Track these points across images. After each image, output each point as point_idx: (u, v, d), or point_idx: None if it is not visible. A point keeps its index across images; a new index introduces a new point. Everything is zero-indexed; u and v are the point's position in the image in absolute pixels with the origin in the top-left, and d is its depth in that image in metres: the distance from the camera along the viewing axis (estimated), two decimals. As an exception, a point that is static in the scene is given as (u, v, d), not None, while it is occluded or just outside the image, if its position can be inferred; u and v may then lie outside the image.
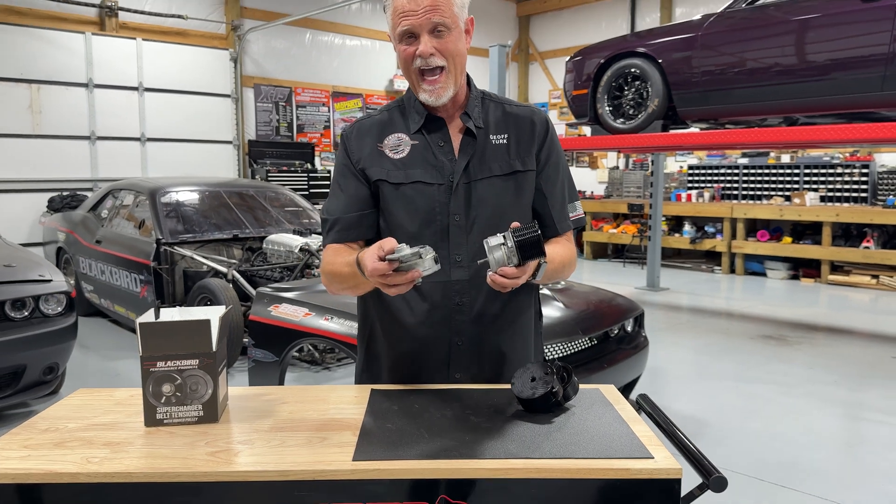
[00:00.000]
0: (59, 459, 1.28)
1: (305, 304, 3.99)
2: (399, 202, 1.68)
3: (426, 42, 1.60)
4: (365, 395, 1.61)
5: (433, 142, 1.70)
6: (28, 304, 4.22)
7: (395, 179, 1.68)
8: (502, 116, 1.75)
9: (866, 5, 5.01)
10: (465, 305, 1.69)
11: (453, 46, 1.63)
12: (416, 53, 1.62)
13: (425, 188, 1.67)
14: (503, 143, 1.72)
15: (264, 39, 10.90)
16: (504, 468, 1.24)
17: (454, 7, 1.62)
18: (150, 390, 1.42)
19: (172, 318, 1.45)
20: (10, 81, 8.62)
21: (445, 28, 1.61)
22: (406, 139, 1.71)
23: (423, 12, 1.58)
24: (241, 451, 1.30)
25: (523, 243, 1.42)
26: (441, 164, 1.68)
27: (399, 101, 1.79)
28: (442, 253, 1.65)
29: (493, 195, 1.69)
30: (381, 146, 1.72)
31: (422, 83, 1.64)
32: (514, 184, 1.71)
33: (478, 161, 1.69)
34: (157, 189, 6.17)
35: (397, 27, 1.63)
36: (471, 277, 1.68)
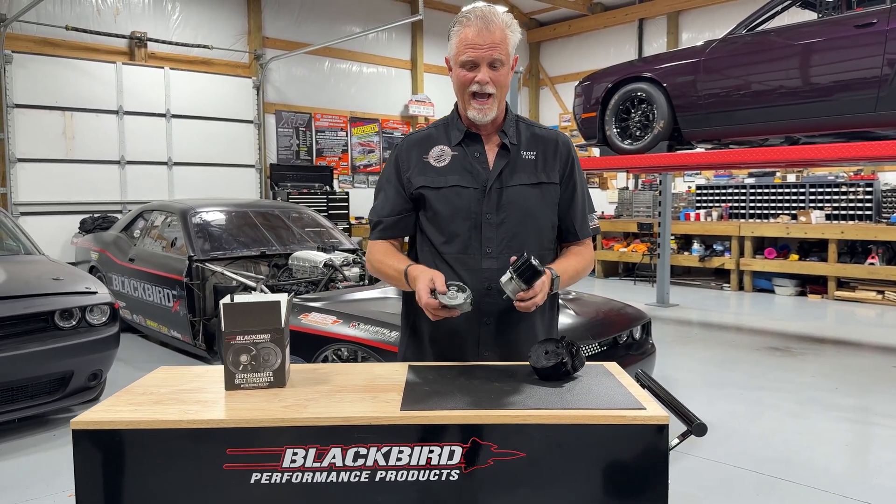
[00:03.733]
0: (161, 412, 1.58)
1: (333, 312, 4.29)
2: (440, 202, 2.01)
3: (485, 72, 1.92)
4: (404, 368, 1.91)
5: (470, 153, 2.03)
6: (75, 315, 4.53)
7: (436, 184, 2.02)
8: (532, 137, 2.08)
9: (859, 31, 5.30)
10: (494, 290, 1.97)
11: (504, 79, 1.95)
12: (474, 79, 1.93)
13: (462, 191, 2.00)
14: (532, 158, 2.05)
15: (285, 68, 11.35)
16: (522, 415, 1.53)
17: (509, 47, 1.95)
18: (231, 360, 1.72)
19: (248, 300, 1.75)
20: (46, 109, 9.07)
21: (501, 63, 1.93)
22: (448, 150, 2.04)
23: (487, 47, 1.90)
24: (309, 405, 1.60)
25: (521, 272, 1.77)
26: (476, 171, 2.01)
27: (444, 120, 2.11)
28: (474, 245, 2.00)
29: (520, 199, 2.01)
30: (426, 157, 2.05)
31: (472, 103, 1.96)
32: (539, 192, 2.03)
33: (509, 171, 2.02)
34: (188, 210, 6.52)
35: (461, 55, 1.94)
36: (499, 267, 1.96)
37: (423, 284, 1.81)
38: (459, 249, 2.01)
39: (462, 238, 2.00)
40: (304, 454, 1.51)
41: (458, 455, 1.51)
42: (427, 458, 1.51)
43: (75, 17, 9.30)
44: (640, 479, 1.52)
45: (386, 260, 2.03)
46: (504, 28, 1.92)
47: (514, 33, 1.96)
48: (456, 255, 2.01)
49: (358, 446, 1.51)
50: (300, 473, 1.51)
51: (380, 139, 12.57)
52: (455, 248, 2.01)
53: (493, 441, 1.52)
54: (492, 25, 1.90)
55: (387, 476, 1.51)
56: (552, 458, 1.52)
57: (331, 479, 1.51)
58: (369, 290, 4.97)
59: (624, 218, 12.49)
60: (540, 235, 2.06)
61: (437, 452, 1.51)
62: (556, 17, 14.59)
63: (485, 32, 1.89)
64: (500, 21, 1.92)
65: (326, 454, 1.51)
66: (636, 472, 1.52)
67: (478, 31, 1.90)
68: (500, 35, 1.91)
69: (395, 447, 1.51)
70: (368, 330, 3.97)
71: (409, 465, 1.51)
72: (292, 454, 1.51)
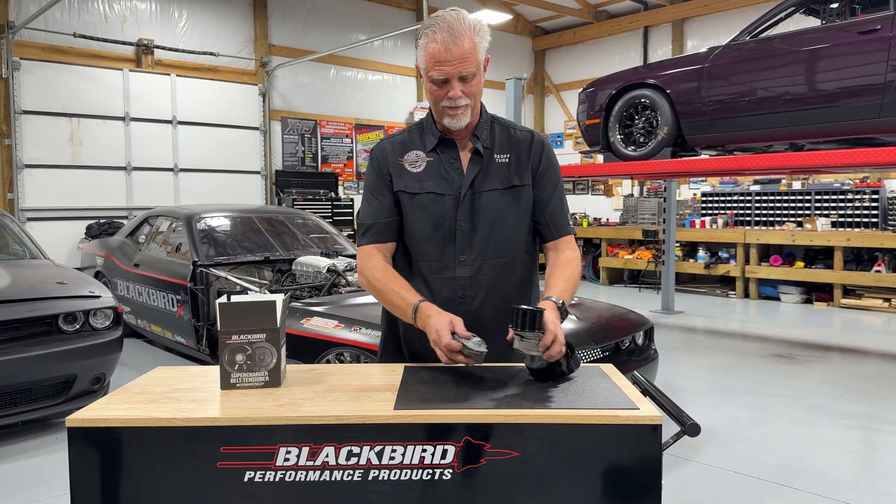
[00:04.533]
0: (156, 410, 1.59)
1: (335, 316, 4.30)
2: (415, 209, 2.00)
3: (456, 87, 1.88)
4: (400, 369, 1.91)
5: (445, 159, 2.00)
6: (79, 318, 4.55)
7: (412, 190, 2.00)
8: (506, 139, 2.05)
9: (863, 37, 5.30)
10: (468, 298, 1.99)
11: (476, 88, 1.92)
12: (446, 95, 1.89)
13: (437, 198, 1.98)
14: (505, 161, 2.02)
15: (291, 75, 11.41)
16: (516, 415, 1.53)
17: (478, 54, 1.89)
18: (226, 359, 1.72)
19: (244, 300, 1.76)
20: (53, 115, 9.13)
21: (472, 75, 1.89)
22: (423, 156, 2.01)
23: (456, 63, 1.84)
24: (303, 404, 1.60)
25: (522, 325, 1.70)
26: (451, 178, 1.98)
27: (419, 124, 2.08)
28: (448, 252, 1.99)
29: (494, 205, 1.99)
30: (401, 161, 2.02)
31: (446, 111, 1.93)
32: (512, 196, 2.01)
33: (483, 176, 1.99)
34: (192, 215, 6.55)
35: (430, 71, 1.88)
36: (473, 275, 1.98)
37: (444, 326, 1.75)
38: (434, 257, 2.00)
39: (436, 245, 1.99)
40: (298, 453, 1.51)
41: (451, 454, 1.51)
42: (420, 458, 1.52)
43: (83, 25, 9.37)
44: (633, 479, 1.51)
45: (389, 283, 1.96)
46: (472, 36, 1.86)
47: (483, 38, 1.90)
48: (430, 263, 2.01)
49: (351, 445, 1.51)
50: (293, 472, 1.51)
51: (385, 146, 12.62)
52: (429, 256, 2.00)
53: (486, 440, 1.52)
54: (459, 37, 1.83)
55: (380, 475, 1.52)
56: (545, 457, 1.52)
57: (324, 478, 1.52)
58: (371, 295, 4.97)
59: (629, 225, 12.48)
60: (515, 240, 2.03)
61: (431, 451, 1.52)
62: (561, 25, 14.61)
63: (452, 47, 1.83)
64: (467, 29, 1.85)
65: (320, 453, 1.51)
66: (630, 471, 1.51)
67: (445, 47, 1.83)
68: (469, 45, 1.85)
69: (389, 446, 1.52)
70: (370, 334, 3.98)
71: (402, 465, 1.52)
72: (286, 453, 1.51)
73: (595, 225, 13.08)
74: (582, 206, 14.22)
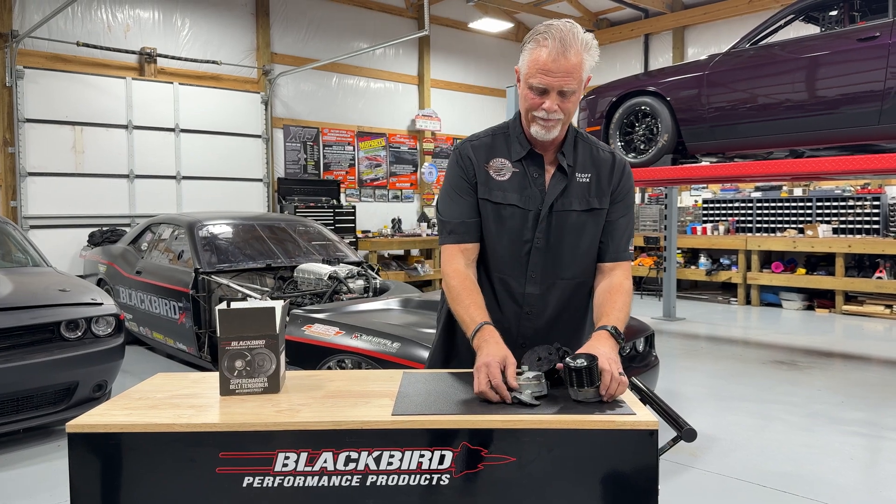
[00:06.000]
0: (156, 416, 1.60)
1: (336, 323, 4.31)
2: (494, 219, 1.96)
3: (553, 100, 1.82)
4: (398, 375, 1.92)
5: (530, 172, 1.95)
6: (81, 326, 4.56)
7: (496, 199, 1.95)
8: (589, 158, 1.99)
9: (862, 44, 5.32)
10: (533, 315, 1.98)
11: (572, 106, 1.86)
12: (541, 105, 1.84)
13: (517, 211, 1.94)
14: (586, 181, 1.97)
15: (293, 83, 11.45)
16: (513, 420, 1.53)
17: (583, 72, 1.83)
18: (226, 365, 1.73)
19: (244, 306, 1.77)
20: (56, 123, 9.17)
21: (572, 92, 1.83)
22: (509, 165, 1.96)
23: (560, 76, 1.79)
24: (302, 410, 1.61)
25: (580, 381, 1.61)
26: (533, 193, 1.94)
27: (504, 128, 2.03)
28: (520, 268, 1.96)
29: (571, 226, 1.95)
30: (487, 166, 1.97)
31: (536, 121, 1.87)
32: (588, 218, 1.97)
33: (564, 196, 1.95)
34: (194, 223, 6.57)
35: (531, 77, 1.83)
36: (541, 292, 1.96)
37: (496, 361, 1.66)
38: (505, 269, 1.97)
39: (509, 258, 1.96)
40: (296, 458, 1.52)
41: (448, 460, 1.52)
42: (418, 463, 1.52)
43: (86, 34, 9.42)
44: (630, 484, 1.52)
45: (462, 295, 1.89)
46: (581, 52, 1.80)
47: (592, 56, 1.84)
48: (501, 274, 1.98)
49: (349, 451, 1.52)
50: (292, 477, 1.52)
51: (387, 153, 12.65)
52: (501, 267, 1.98)
53: (483, 446, 1.53)
54: (570, 51, 1.78)
55: (378, 480, 1.53)
56: (543, 462, 1.52)
57: (322, 484, 1.52)
58: (373, 302, 4.98)
59: (630, 232, 12.46)
60: (587, 263, 2.01)
61: (428, 457, 1.52)
62: (562, 33, 14.66)
63: (561, 59, 1.78)
64: (578, 45, 1.79)
65: (318, 458, 1.52)
66: (627, 476, 1.52)
67: (553, 57, 1.78)
68: (576, 61, 1.79)
69: (387, 452, 1.53)
70: (371, 341, 3.99)
71: (399, 470, 1.53)
72: (284, 458, 1.52)
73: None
74: (583, 213, 14.22)
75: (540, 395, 1.66)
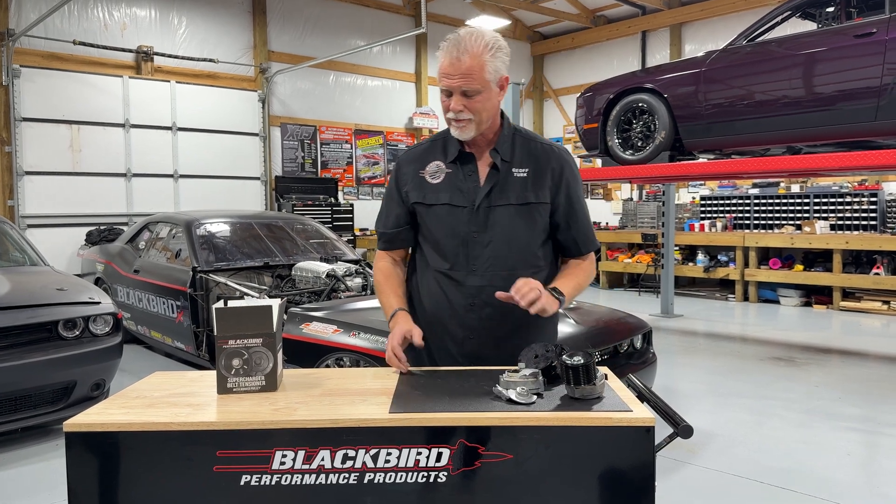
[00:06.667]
0: (153, 415, 1.60)
1: (334, 321, 4.31)
2: (431, 219, 2.07)
3: (457, 100, 1.94)
4: (395, 374, 1.92)
5: (464, 172, 2.04)
6: (79, 325, 4.56)
7: (429, 201, 2.06)
8: (527, 152, 2.06)
9: (859, 40, 5.32)
10: (478, 306, 2.03)
11: (480, 105, 1.94)
12: (449, 107, 1.97)
13: (452, 209, 2.03)
14: (523, 176, 2.03)
15: (290, 81, 11.44)
16: (510, 418, 1.54)
17: (486, 74, 1.92)
18: (223, 363, 1.74)
19: (241, 305, 1.77)
20: (53, 122, 9.17)
21: (475, 92, 1.92)
22: (443, 167, 2.06)
23: (458, 77, 1.91)
24: (299, 408, 1.62)
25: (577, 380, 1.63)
26: (467, 190, 2.03)
27: (444, 133, 2.12)
28: (461, 261, 2.04)
29: (507, 219, 2.02)
30: (422, 172, 2.08)
31: (452, 122, 2.00)
32: (526, 211, 2.03)
33: (499, 190, 2.02)
34: (192, 221, 6.56)
35: (439, 83, 1.98)
36: (483, 285, 2.02)
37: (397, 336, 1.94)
38: (447, 266, 2.06)
39: (450, 255, 2.05)
40: (294, 456, 1.53)
41: (445, 457, 1.52)
42: (415, 461, 1.53)
43: (82, 32, 9.41)
44: (627, 481, 1.52)
45: (383, 286, 2.14)
46: (481, 54, 1.89)
47: (495, 58, 1.93)
48: (443, 271, 2.07)
49: (346, 448, 1.53)
50: (289, 475, 1.53)
51: (384, 151, 12.64)
52: (443, 264, 2.07)
53: (480, 443, 1.53)
54: (464, 55, 1.89)
55: (375, 478, 1.53)
56: (540, 460, 1.53)
57: (320, 482, 1.53)
58: (371, 300, 4.98)
59: (628, 229, 12.49)
60: (526, 255, 2.06)
61: (425, 454, 1.53)
62: (559, 30, 14.67)
63: (456, 62, 1.90)
64: (475, 48, 1.89)
65: (315, 456, 1.53)
66: (623, 473, 1.52)
67: (451, 61, 1.91)
68: (473, 63, 1.89)
69: (384, 449, 1.53)
70: (369, 339, 3.99)
71: (397, 468, 1.53)
72: (282, 456, 1.52)
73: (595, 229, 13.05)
74: (581, 210, 14.23)
75: (536, 392, 1.67)
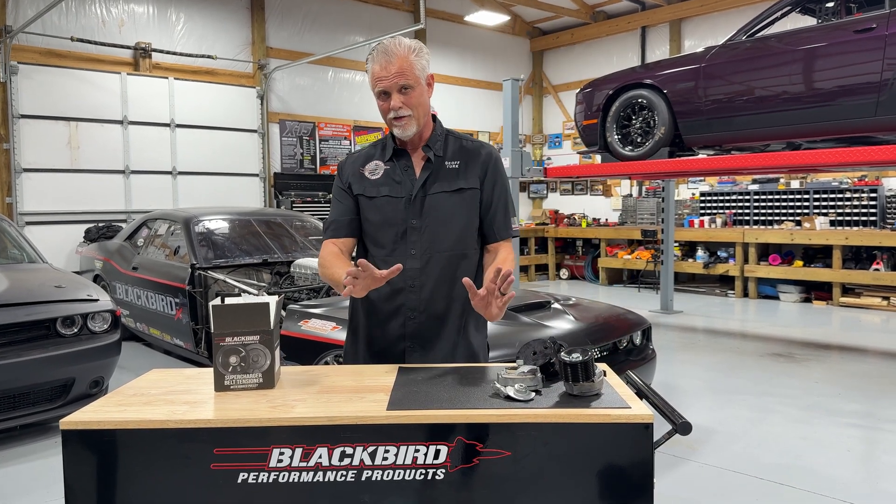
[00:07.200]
0: (150, 412, 1.59)
1: (333, 318, 4.30)
2: (372, 210, 2.23)
3: (396, 98, 2.11)
4: (394, 370, 1.91)
5: (400, 167, 2.22)
6: (77, 322, 4.55)
7: (369, 194, 2.23)
8: (459, 149, 2.26)
9: (859, 36, 5.30)
10: (416, 287, 2.17)
11: (416, 100, 2.13)
12: (389, 107, 2.12)
13: (390, 200, 2.20)
14: (455, 167, 2.23)
15: (289, 77, 11.41)
16: (508, 415, 1.53)
17: (416, 71, 2.12)
18: (220, 361, 1.73)
19: (238, 302, 1.76)
20: (51, 119, 9.13)
21: (410, 87, 2.11)
22: (381, 165, 2.25)
23: (392, 77, 2.09)
24: (297, 405, 1.61)
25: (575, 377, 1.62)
26: (404, 182, 2.20)
27: (382, 141, 2.30)
28: (401, 247, 2.19)
29: (441, 205, 2.19)
30: (362, 170, 2.27)
31: (393, 123, 2.16)
32: (459, 197, 2.21)
33: (433, 180, 2.20)
34: (191, 218, 6.55)
35: (374, 88, 2.15)
36: (421, 266, 2.17)
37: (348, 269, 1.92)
38: (387, 253, 2.20)
39: (390, 242, 2.20)
40: (291, 454, 1.52)
41: (443, 454, 1.52)
42: (413, 458, 1.52)
43: (80, 29, 9.38)
44: (626, 477, 1.52)
45: (331, 260, 2.19)
46: (407, 55, 2.10)
47: (420, 57, 2.14)
48: (384, 257, 2.19)
49: (344, 446, 1.52)
50: (287, 473, 1.52)
51: (383, 148, 12.61)
52: (384, 252, 2.21)
53: (478, 440, 1.52)
54: (393, 57, 2.09)
55: (373, 475, 1.52)
56: (538, 456, 1.52)
57: (317, 479, 1.52)
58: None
59: (628, 225, 12.48)
60: (461, 237, 2.21)
61: (423, 452, 1.52)
62: (558, 26, 14.62)
63: (387, 65, 2.09)
64: (401, 50, 2.10)
65: (313, 454, 1.52)
66: (622, 469, 1.52)
67: (383, 65, 2.10)
68: (404, 63, 2.09)
69: (382, 447, 1.52)
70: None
71: (395, 465, 1.52)
72: (279, 454, 1.52)
73: (594, 225, 13.08)
74: (581, 206, 14.23)
75: (535, 389, 1.66)
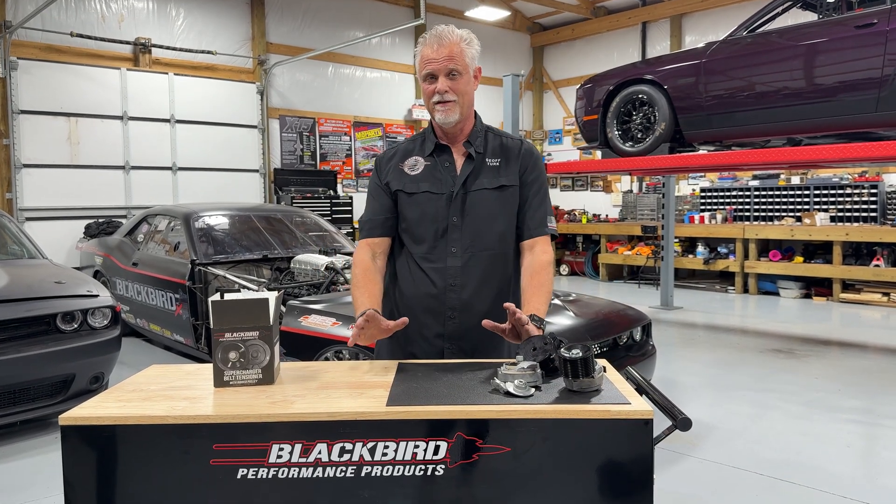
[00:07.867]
0: (149, 408, 1.59)
1: (333, 314, 4.30)
2: (412, 207, 2.20)
3: (443, 82, 2.11)
4: (393, 366, 1.91)
5: (440, 162, 2.21)
6: (77, 318, 4.55)
7: (409, 190, 2.20)
8: (499, 146, 2.25)
9: (860, 31, 5.29)
10: (457, 287, 2.15)
11: (463, 87, 2.13)
12: (434, 90, 2.12)
13: (431, 196, 2.18)
14: (496, 165, 2.21)
15: (289, 73, 11.40)
16: (508, 411, 1.53)
17: (466, 58, 2.13)
18: (220, 357, 1.73)
19: (237, 298, 1.76)
20: (51, 115, 9.13)
21: (458, 73, 2.11)
22: (421, 161, 2.23)
23: (442, 60, 2.10)
24: (296, 401, 1.61)
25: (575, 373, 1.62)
26: (445, 178, 2.18)
27: (422, 134, 2.30)
28: (441, 245, 2.17)
29: (483, 202, 2.17)
30: (402, 166, 2.25)
31: (436, 107, 2.15)
32: (500, 195, 2.19)
33: (474, 177, 2.18)
34: (191, 214, 6.54)
35: (422, 70, 2.14)
36: (462, 265, 2.15)
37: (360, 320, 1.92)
38: (427, 250, 2.18)
39: (430, 239, 2.17)
40: (291, 449, 1.52)
41: (443, 450, 1.52)
42: (413, 453, 1.52)
43: (80, 24, 9.37)
44: (625, 473, 1.52)
45: (359, 281, 2.15)
46: (459, 42, 2.11)
47: (471, 47, 2.15)
48: (423, 255, 2.18)
49: (344, 441, 1.52)
50: (286, 469, 1.52)
51: (383, 143, 12.60)
52: (423, 249, 2.19)
53: (478, 436, 1.52)
54: (445, 41, 2.10)
55: (372, 471, 1.52)
56: (538, 452, 1.52)
57: (317, 475, 1.52)
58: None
59: (628, 221, 12.48)
60: (503, 235, 2.19)
61: (423, 447, 1.52)
62: (559, 21, 14.60)
63: (439, 48, 2.10)
64: (454, 37, 2.11)
65: (312, 449, 1.52)
66: (622, 465, 1.52)
67: (433, 48, 2.11)
68: (455, 49, 2.10)
69: (381, 442, 1.52)
70: (367, 332, 3.97)
71: (394, 461, 1.52)
72: (278, 449, 1.52)
73: (594, 221, 13.07)
74: (581, 202, 14.22)
75: (535, 385, 1.66)
